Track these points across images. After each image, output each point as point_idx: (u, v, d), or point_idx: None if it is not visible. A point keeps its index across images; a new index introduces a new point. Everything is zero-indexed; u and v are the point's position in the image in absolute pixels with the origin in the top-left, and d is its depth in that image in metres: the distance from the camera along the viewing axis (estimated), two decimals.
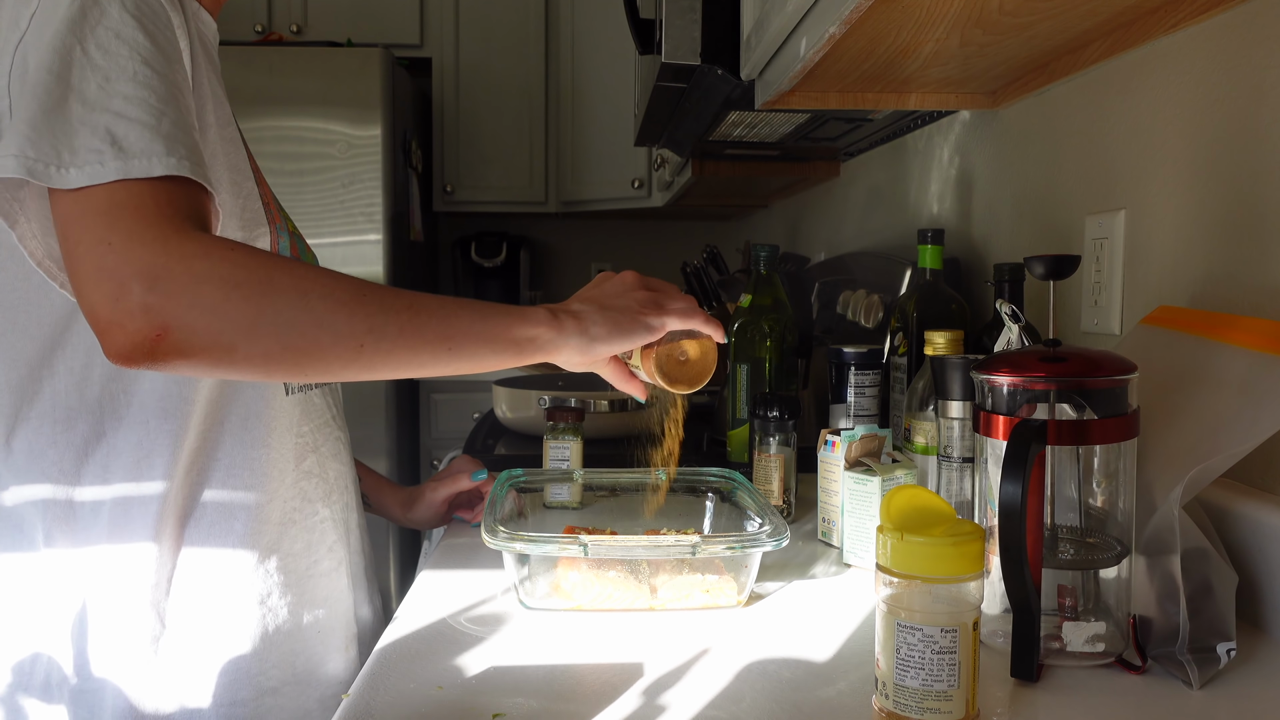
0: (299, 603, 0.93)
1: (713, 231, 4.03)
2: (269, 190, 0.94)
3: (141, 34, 0.75)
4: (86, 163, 0.70)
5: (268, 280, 0.69)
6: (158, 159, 0.71)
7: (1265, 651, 0.78)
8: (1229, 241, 0.94)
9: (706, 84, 1.48)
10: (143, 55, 0.74)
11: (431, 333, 0.75)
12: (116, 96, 0.72)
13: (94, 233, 0.68)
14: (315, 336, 0.70)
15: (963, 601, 0.64)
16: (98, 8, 0.75)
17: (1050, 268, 0.80)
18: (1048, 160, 1.30)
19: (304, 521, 0.94)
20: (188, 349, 0.68)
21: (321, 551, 0.96)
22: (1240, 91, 0.92)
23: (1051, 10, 0.96)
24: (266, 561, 0.90)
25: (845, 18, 0.91)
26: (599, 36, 3.37)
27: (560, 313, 0.81)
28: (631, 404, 1.64)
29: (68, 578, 0.83)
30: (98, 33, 0.74)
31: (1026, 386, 0.76)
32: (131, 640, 0.84)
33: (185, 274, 0.67)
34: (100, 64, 0.73)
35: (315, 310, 0.70)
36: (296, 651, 0.92)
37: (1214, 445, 0.77)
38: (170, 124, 0.73)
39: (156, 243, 0.68)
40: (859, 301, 1.64)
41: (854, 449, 1.05)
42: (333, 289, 0.72)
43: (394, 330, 0.73)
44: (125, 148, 0.70)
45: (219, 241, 0.71)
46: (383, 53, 3.01)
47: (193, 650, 0.87)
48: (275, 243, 0.90)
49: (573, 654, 0.79)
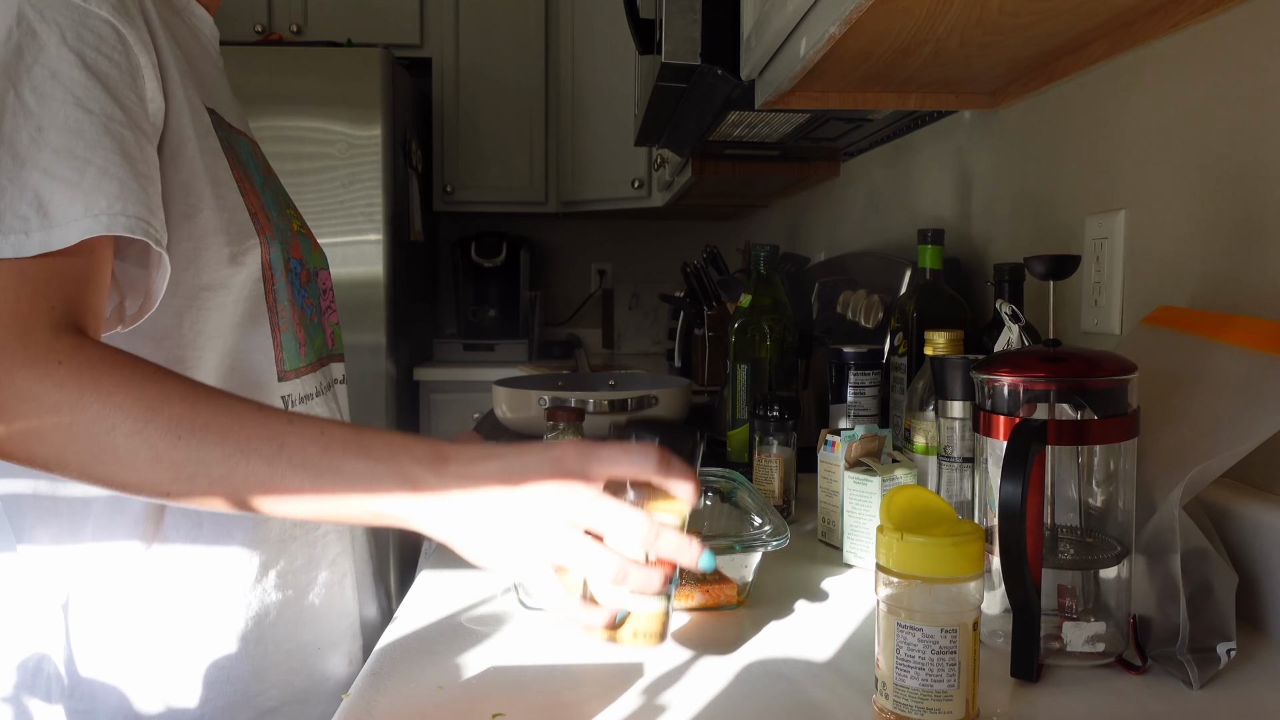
0: (299, 620, 0.91)
1: (713, 231, 4.03)
2: (258, 199, 0.92)
3: (79, 70, 0.73)
4: (11, 230, 0.69)
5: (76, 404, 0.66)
6: (75, 224, 0.70)
7: (1265, 652, 0.78)
8: (1229, 241, 0.94)
9: (706, 84, 1.48)
10: (77, 97, 0.72)
11: (252, 490, 0.67)
12: (46, 150, 0.71)
13: None
14: (120, 474, 0.67)
15: (963, 601, 0.64)
16: (35, 43, 0.73)
17: (1050, 268, 0.80)
18: (1048, 160, 1.30)
19: (305, 537, 0.92)
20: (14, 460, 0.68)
21: (323, 566, 0.94)
22: (1240, 91, 0.92)
23: (1052, 10, 0.96)
24: (264, 579, 0.88)
25: (845, 18, 0.91)
26: (599, 36, 3.37)
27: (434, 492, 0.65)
28: (631, 404, 1.64)
29: (45, 577, 0.82)
30: (34, 73, 0.72)
31: (1027, 386, 0.76)
32: (115, 649, 0.83)
33: (6, 387, 0.66)
34: (34, 110, 0.71)
35: (119, 449, 0.66)
36: (296, 669, 0.90)
37: (1214, 445, 0.77)
38: (95, 173, 0.71)
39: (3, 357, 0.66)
40: (859, 301, 1.64)
41: (854, 449, 1.05)
42: (147, 424, 0.66)
43: (203, 485, 0.67)
44: (49, 213, 0.69)
45: (54, 350, 0.68)
46: (383, 53, 3.01)
47: (185, 669, 0.84)
48: (266, 254, 0.89)
49: (573, 654, 0.79)
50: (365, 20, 3.45)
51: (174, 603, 0.85)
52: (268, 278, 0.90)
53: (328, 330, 1.03)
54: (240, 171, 0.90)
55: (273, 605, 0.89)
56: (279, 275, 0.92)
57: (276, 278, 0.91)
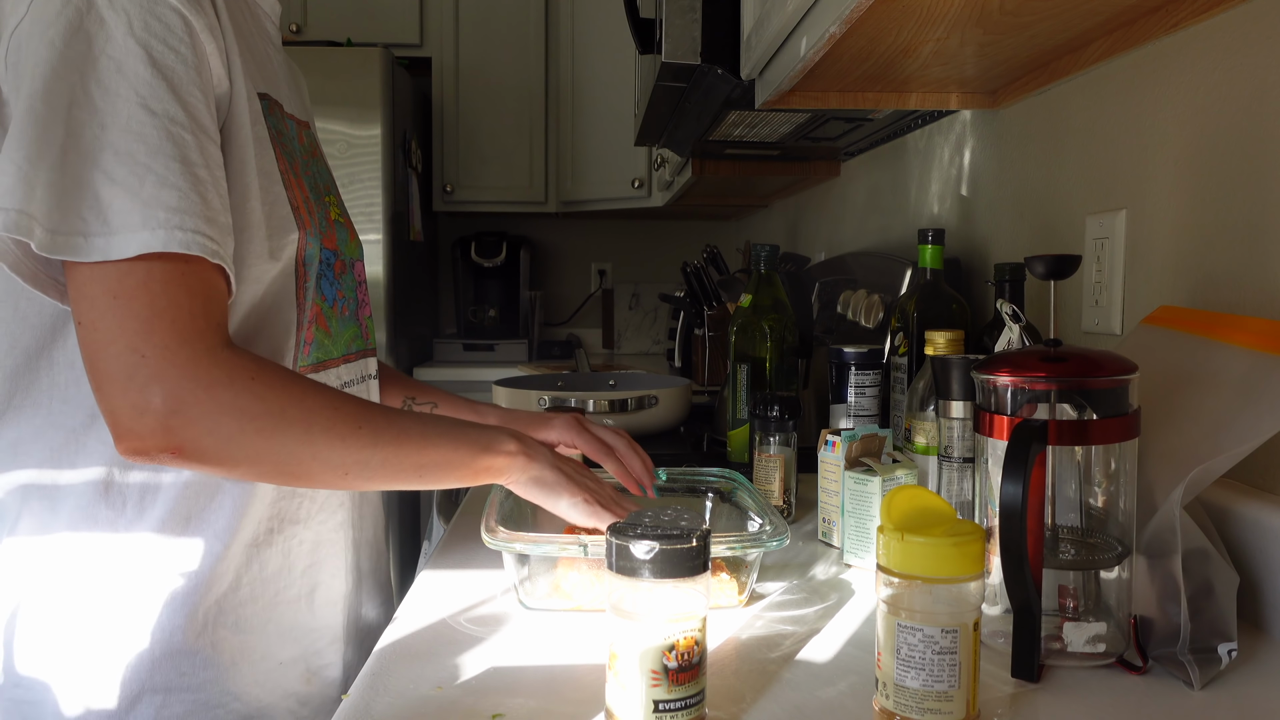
0: (296, 619, 0.90)
1: (713, 231, 4.03)
2: (301, 190, 0.90)
3: (145, 65, 0.73)
4: (74, 232, 0.70)
5: (280, 414, 0.76)
6: (133, 235, 0.71)
7: (1266, 652, 0.78)
8: (1230, 241, 0.94)
9: (706, 84, 1.48)
10: (140, 95, 0.73)
11: (409, 462, 0.83)
12: (108, 150, 0.71)
13: (128, 337, 0.71)
14: (309, 466, 0.78)
15: (963, 602, 0.64)
16: (104, 32, 0.72)
17: (1051, 267, 0.80)
18: (1048, 160, 1.30)
19: (281, 544, 0.89)
20: (195, 463, 0.74)
21: (324, 566, 0.92)
22: (1241, 91, 0.92)
23: (1052, 9, 0.96)
24: (237, 588, 0.86)
25: (846, 17, 0.91)
26: (599, 36, 3.37)
27: (530, 449, 0.91)
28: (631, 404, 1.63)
29: (25, 568, 0.81)
30: (99, 65, 0.72)
31: (1027, 386, 0.76)
32: (82, 647, 0.81)
33: (209, 403, 0.73)
34: (99, 105, 0.72)
35: (316, 444, 0.77)
36: (289, 668, 0.89)
37: (1215, 445, 0.77)
38: (155, 181, 0.72)
39: (188, 365, 0.72)
40: (859, 301, 1.64)
41: (854, 449, 1.05)
42: (334, 422, 0.78)
43: (378, 461, 0.80)
44: (109, 220, 0.71)
45: (242, 366, 0.75)
46: (383, 52, 3.01)
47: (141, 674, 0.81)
48: (304, 248, 0.88)
49: (573, 654, 0.79)
50: (365, 20, 3.45)
51: (169, 598, 0.82)
52: (300, 273, 0.89)
53: (362, 324, 1.02)
54: (286, 161, 0.89)
55: (241, 614, 0.86)
56: (312, 271, 0.90)
57: (309, 273, 0.90)
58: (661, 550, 0.62)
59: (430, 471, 0.85)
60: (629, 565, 0.63)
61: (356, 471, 0.80)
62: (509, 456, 0.89)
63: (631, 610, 0.63)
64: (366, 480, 0.81)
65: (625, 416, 1.62)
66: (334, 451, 0.78)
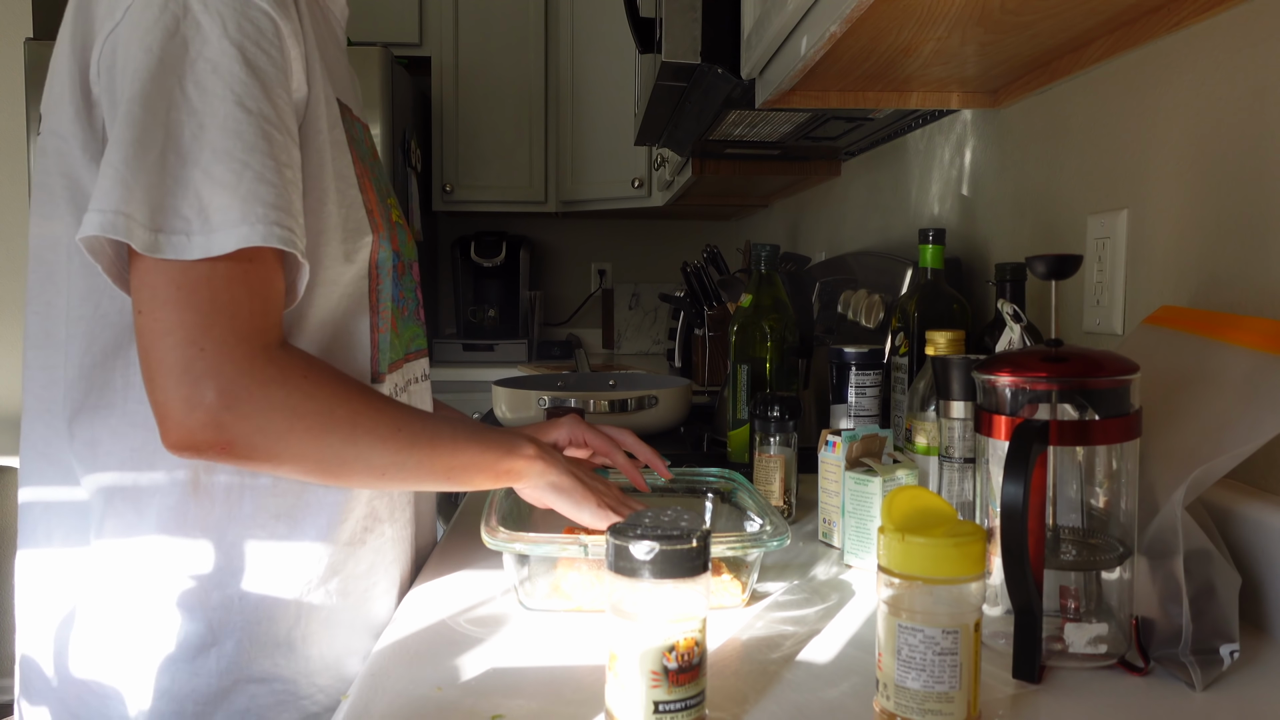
0: (354, 624, 0.90)
1: (713, 231, 4.03)
2: (374, 193, 0.92)
3: (240, 65, 0.74)
4: (175, 231, 0.71)
5: (329, 414, 0.77)
6: (232, 230, 0.72)
7: (1268, 653, 0.78)
8: (1231, 241, 0.94)
9: (707, 83, 1.48)
10: (236, 94, 0.74)
11: (440, 464, 0.84)
12: (206, 149, 0.72)
13: (187, 330, 0.71)
14: (352, 465, 0.79)
15: (964, 603, 0.64)
16: (200, 36, 0.73)
17: (1052, 267, 0.80)
18: (1049, 159, 1.30)
19: (373, 542, 0.92)
20: (241, 459, 0.74)
21: (381, 571, 0.93)
22: (1242, 90, 0.92)
23: (1053, 9, 0.96)
24: (328, 581, 0.87)
25: (846, 16, 0.91)
26: (599, 36, 3.37)
27: (546, 454, 0.93)
28: (631, 404, 1.63)
29: (115, 569, 0.82)
30: (197, 67, 0.73)
31: (1028, 387, 0.75)
32: (177, 642, 0.82)
33: (261, 400, 0.73)
34: (196, 106, 0.73)
35: (359, 445, 0.79)
36: (348, 675, 0.89)
37: (1217, 446, 0.77)
38: (252, 178, 0.73)
39: (244, 361, 0.73)
40: (860, 301, 1.64)
41: (855, 449, 1.05)
42: (376, 424, 0.80)
43: (413, 463, 0.82)
44: (209, 217, 0.71)
45: (294, 364, 0.76)
46: (382, 52, 3.00)
47: (238, 666, 0.83)
48: (376, 251, 0.89)
49: (573, 654, 0.79)
50: (364, 19, 3.45)
51: (233, 604, 0.83)
52: (373, 276, 0.90)
53: (422, 324, 1.04)
54: (361, 165, 0.90)
55: (334, 608, 0.88)
56: (385, 274, 0.91)
57: (382, 276, 0.91)
58: (661, 551, 0.62)
59: (459, 474, 0.86)
60: (629, 566, 0.62)
61: (393, 473, 0.81)
62: (528, 460, 0.91)
63: (631, 611, 0.63)
64: (400, 481, 0.83)
65: (625, 416, 1.62)
66: (375, 452, 0.79)
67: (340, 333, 0.87)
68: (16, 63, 3.00)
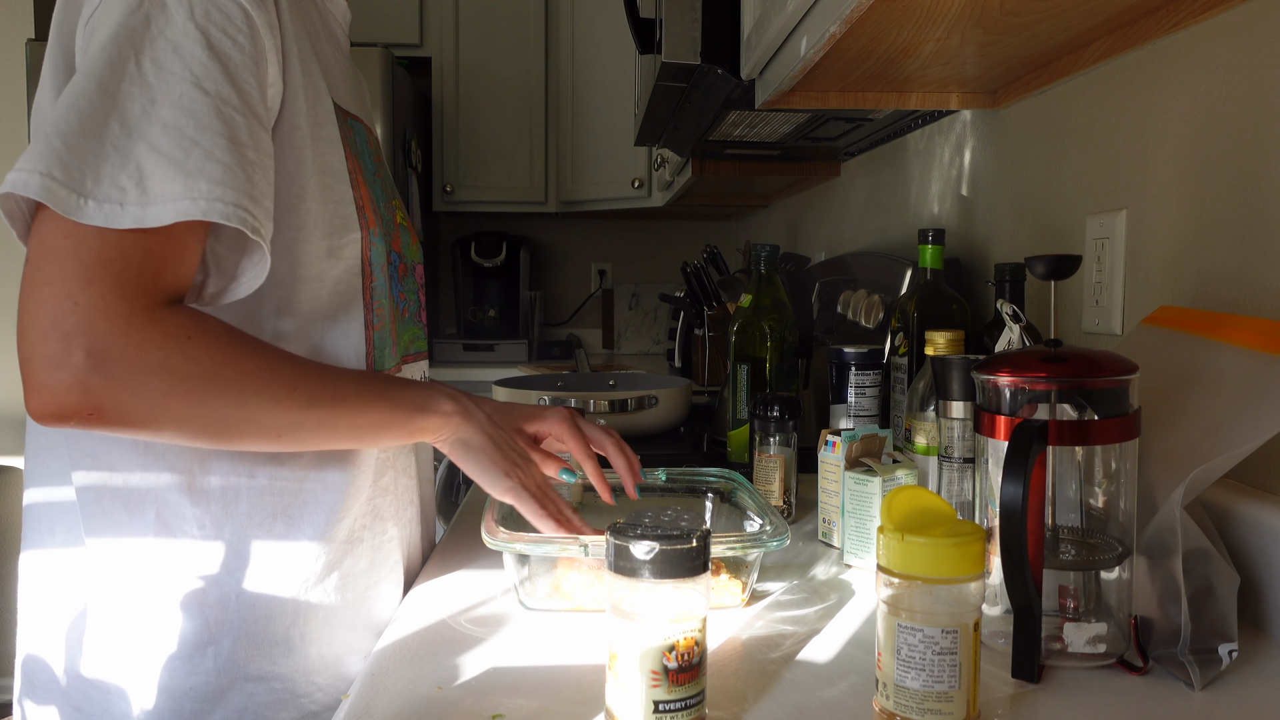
0: (354, 623, 0.90)
1: (713, 231, 4.03)
2: (368, 191, 0.91)
3: (202, 48, 0.73)
4: (107, 199, 0.68)
5: (214, 375, 0.73)
6: (172, 204, 0.70)
7: (1267, 653, 0.78)
8: (1230, 241, 0.94)
9: (707, 83, 1.48)
10: (195, 75, 0.73)
11: (344, 424, 0.81)
12: (155, 124, 0.71)
13: (65, 282, 0.68)
14: (242, 428, 0.76)
15: (964, 602, 0.64)
16: (164, 17, 0.73)
17: (1051, 267, 0.80)
18: (1049, 160, 1.30)
19: (371, 540, 0.91)
20: (112, 425, 0.70)
21: (384, 569, 0.93)
22: (1241, 91, 0.92)
23: (1052, 10, 0.96)
24: (326, 579, 0.87)
25: (846, 17, 0.91)
26: (599, 36, 3.37)
27: (466, 410, 0.89)
28: (631, 404, 1.63)
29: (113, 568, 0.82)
30: (156, 45, 0.72)
31: (1027, 387, 0.76)
32: (175, 640, 0.82)
33: (136, 361, 0.69)
34: (151, 82, 0.72)
35: (248, 406, 0.75)
36: (346, 674, 0.89)
37: (1215, 445, 0.77)
38: (201, 155, 0.71)
39: (120, 319, 0.68)
40: (859, 301, 1.64)
41: (854, 449, 1.05)
42: (269, 384, 0.76)
43: (313, 423, 0.79)
44: (148, 189, 0.69)
45: (177, 324, 0.72)
46: (382, 52, 3.00)
47: (236, 663, 0.83)
48: (367, 248, 0.88)
49: (573, 654, 0.79)
50: (365, 20, 3.45)
51: (232, 598, 0.83)
52: (366, 273, 0.89)
53: (423, 326, 1.03)
54: (355, 161, 0.89)
55: (333, 607, 0.88)
56: (379, 271, 0.90)
57: (376, 274, 0.90)
58: (661, 550, 0.62)
59: (366, 433, 0.83)
60: (629, 565, 0.63)
61: (290, 434, 0.78)
62: (443, 416, 0.87)
63: (631, 610, 0.63)
64: (300, 442, 0.80)
65: (625, 416, 1.62)
66: (268, 414, 0.76)
67: (333, 329, 0.87)
68: (18, 63, 3.00)
